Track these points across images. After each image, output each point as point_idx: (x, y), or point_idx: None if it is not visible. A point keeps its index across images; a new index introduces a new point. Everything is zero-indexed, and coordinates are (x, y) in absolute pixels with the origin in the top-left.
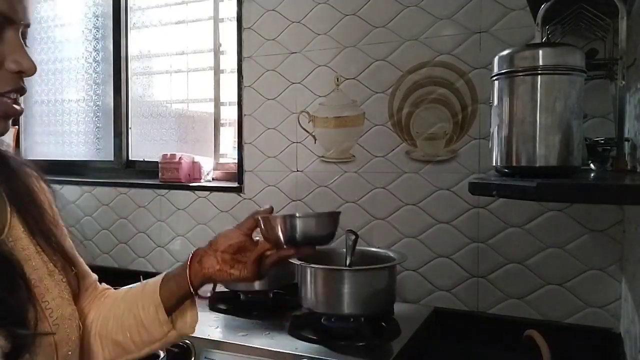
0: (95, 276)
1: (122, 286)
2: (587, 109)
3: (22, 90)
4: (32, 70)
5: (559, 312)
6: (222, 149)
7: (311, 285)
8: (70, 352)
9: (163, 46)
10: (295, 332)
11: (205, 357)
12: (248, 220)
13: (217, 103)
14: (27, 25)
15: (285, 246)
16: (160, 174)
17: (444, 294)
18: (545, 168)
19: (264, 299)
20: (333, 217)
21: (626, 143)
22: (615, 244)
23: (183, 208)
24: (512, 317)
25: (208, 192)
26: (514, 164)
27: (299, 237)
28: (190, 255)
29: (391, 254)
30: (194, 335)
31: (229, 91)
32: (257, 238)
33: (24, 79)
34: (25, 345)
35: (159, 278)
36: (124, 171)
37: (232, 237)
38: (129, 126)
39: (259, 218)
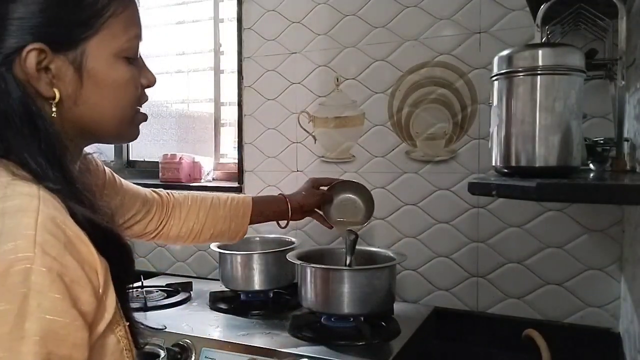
0: (144, 192)
1: None
2: (587, 109)
3: (147, 100)
4: (155, 82)
5: (559, 312)
6: (223, 149)
7: (311, 285)
8: None
9: (163, 46)
10: (295, 332)
11: (206, 357)
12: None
13: (217, 103)
14: None
15: None
16: (160, 174)
17: (444, 293)
18: (545, 168)
19: (264, 298)
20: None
21: (625, 143)
22: (614, 244)
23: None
24: (512, 316)
25: (208, 192)
26: (514, 164)
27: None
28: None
29: (391, 254)
30: (194, 334)
31: (229, 91)
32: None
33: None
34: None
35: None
36: (124, 171)
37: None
38: None
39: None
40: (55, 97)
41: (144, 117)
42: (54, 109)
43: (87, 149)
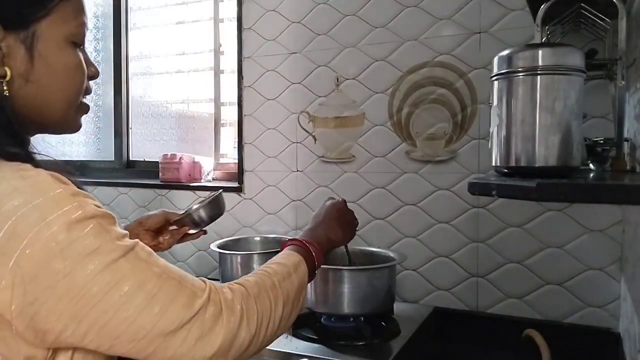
0: None
1: None
2: (587, 109)
3: (91, 92)
4: (98, 75)
5: (559, 312)
6: (222, 149)
7: (311, 285)
8: None
9: (163, 46)
10: (295, 332)
11: None
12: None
13: (217, 103)
14: None
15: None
16: (160, 174)
17: (444, 293)
18: (545, 168)
19: None
20: (217, 200)
21: (625, 143)
22: (614, 243)
23: (183, 208)
24: (512, 316)
25: (208, 192)
26: (514, 164)
27: (201, 221)
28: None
29: (391, 254)
30: None
31: (229, 91)
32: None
33: None
34: None
35: None
36: (124, 171)
37: (157, 220)
38: (130, 126)
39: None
40: (6, 75)
41: (87, 108)
42: (5, 87)
43: None
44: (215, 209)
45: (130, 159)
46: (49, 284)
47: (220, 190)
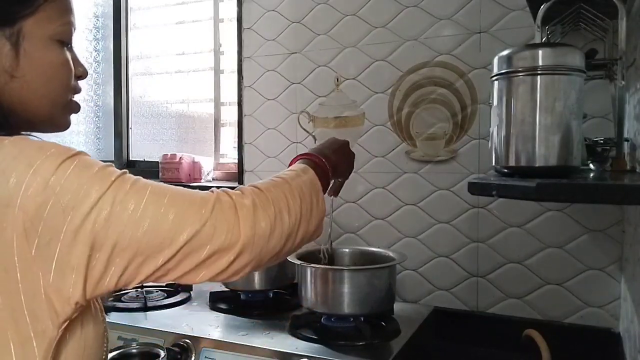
0: None
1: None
2: (587, 109)
3: (80, 91)
4: (87, 74)
5: (559, 312)
6: (222, 149)
7: (311, 285)
8: None
9: (163, 46)
10: (295, 332)
11: (206, 357)
12: None
13: (217, 103)
14: None
15: None
16: (160, 174)
17: (444, 293)
18: (545, 168)
19: (264, 298)
20: None
21: (625, 143)
22: (614, 243)
23: None
24: (512, 316)
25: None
26: (514, 164)
27: None
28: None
29: (391, 254)
30: (194, 334)
31: (229, 91)
32: None
33: None
34: None
35: None
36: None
37: None
38: (130, 126)
39: None
40: None
41: (77, 107)
42: None
43: None
44: None
45: (130, 159)
46: (59, 220)
47: None
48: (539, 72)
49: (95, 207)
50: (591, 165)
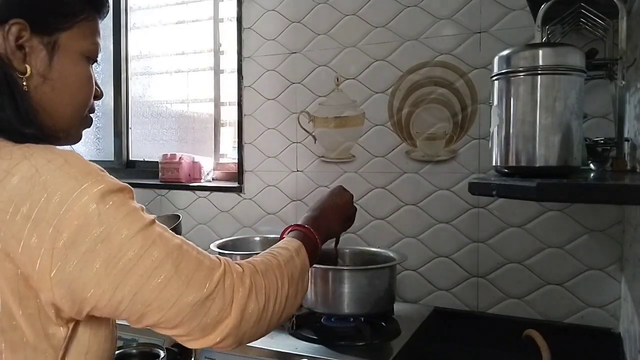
0: None
1: None
2: (587, 109)
3: (94, 111)
4: (102, 96)
5: (559, 312)
6: (222, 149)
7: (311, 285)
8: None
9: (163, 46)
10: (295, 332)
11: (205, 357)
12: None
13: (217, 103)
14: None
15: None
16: (160, 174)
17: (444, 293)
18: (545, 168)
19: None
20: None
21: (626, 143)
22: (615, 244)
23: (183, 208)
24: (512, 317)
25: (208, 192)
26: (514, 164)
27: None
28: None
29: (391, 254)
30: None
31: (229, 91)
32: None
33: None
34: None
35: None
36: (124, 171)
37: None
38: (129, 126)
39: None
40: (26, 72)
41: (90, 122)
42: (24, 83)
43: None
44: None
45: (130, 159)
46: (88, 247)
47: (180, 219)
48: (539, 72)
49: (125, 246)
50: (591, 165)
